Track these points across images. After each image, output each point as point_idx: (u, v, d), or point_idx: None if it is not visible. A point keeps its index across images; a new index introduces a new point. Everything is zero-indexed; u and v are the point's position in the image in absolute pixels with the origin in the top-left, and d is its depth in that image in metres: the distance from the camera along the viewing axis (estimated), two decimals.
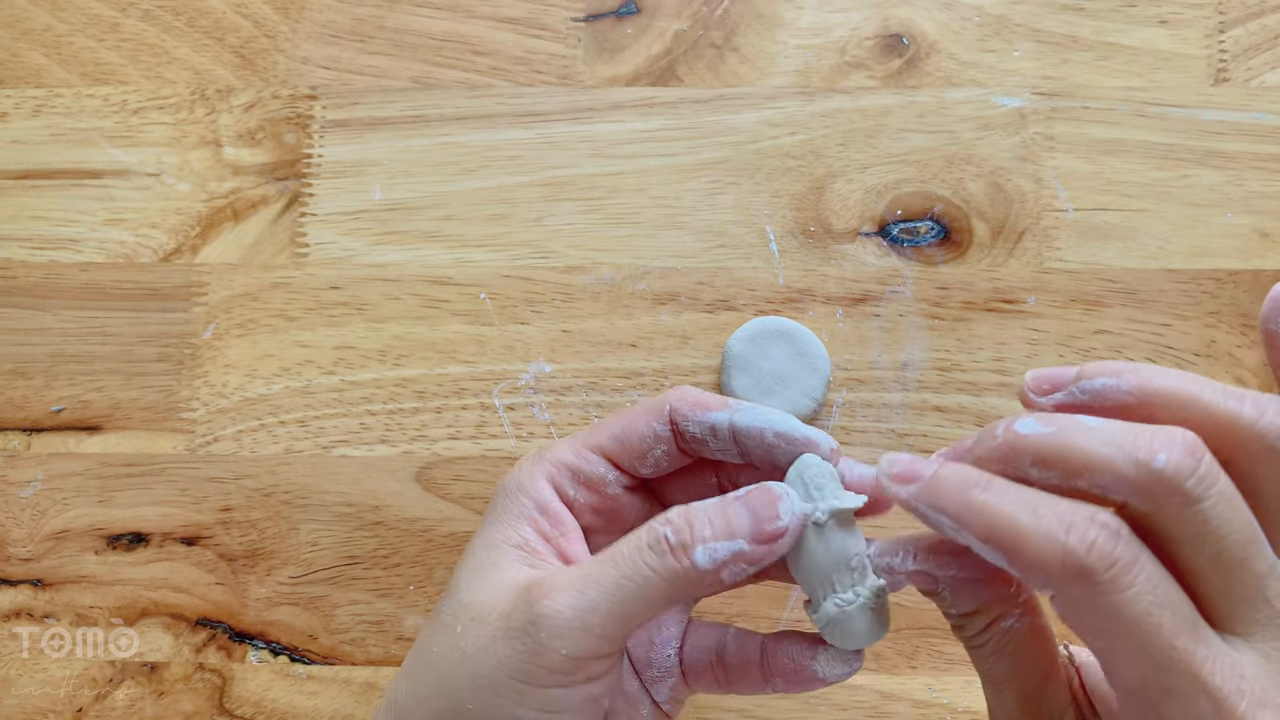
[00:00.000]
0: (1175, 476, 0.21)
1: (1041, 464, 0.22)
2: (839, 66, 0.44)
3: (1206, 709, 0.20)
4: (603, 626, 0.25)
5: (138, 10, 0.46)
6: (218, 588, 0.41)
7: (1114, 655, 0.21)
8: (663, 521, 0.26)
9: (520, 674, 0.25)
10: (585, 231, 0.43)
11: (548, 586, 0.25)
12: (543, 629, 0.25)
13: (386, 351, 0.42)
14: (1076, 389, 0.24)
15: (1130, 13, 0.44)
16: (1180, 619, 0.21)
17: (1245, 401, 0.22)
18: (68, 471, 0.42)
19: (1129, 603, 0.20)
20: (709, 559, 0.25)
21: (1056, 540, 0.21)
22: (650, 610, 0.25)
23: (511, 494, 0.29)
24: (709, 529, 0.25)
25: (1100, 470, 0.21)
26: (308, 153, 0.44)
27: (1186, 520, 0.21)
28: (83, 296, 0.43)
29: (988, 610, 0.25)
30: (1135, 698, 0.22)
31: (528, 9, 0.45)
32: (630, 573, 0.25)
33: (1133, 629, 0.20)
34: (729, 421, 0.28)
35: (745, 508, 0.26)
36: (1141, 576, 0.21)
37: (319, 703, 0.40)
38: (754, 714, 0.39)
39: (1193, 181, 0.42)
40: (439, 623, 0.28)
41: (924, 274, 0.42)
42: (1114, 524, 0.21)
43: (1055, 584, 0.21)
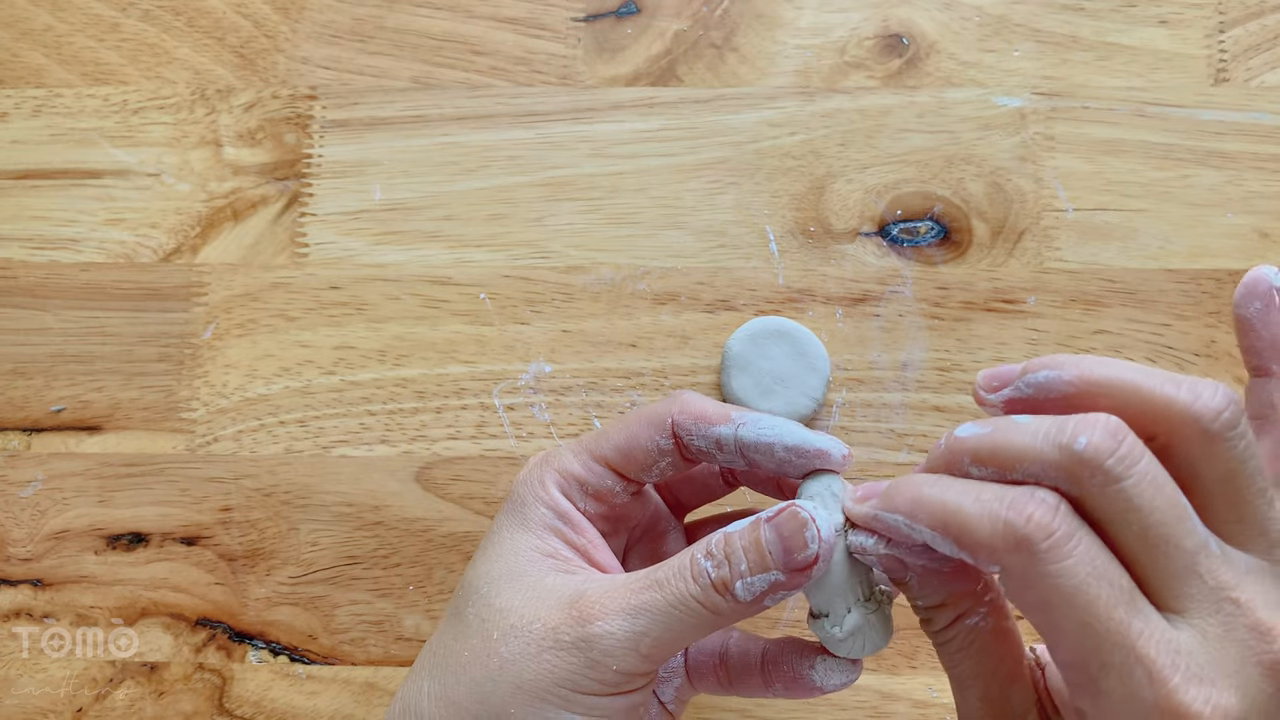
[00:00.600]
0: (1095, 457, 0.22)
1: (979, 462, 0.24)
2: (839, 66, 0.44)
3: (1141, 681, 0.21)
4: (651, 649, 0.26)
5: (138, 10, 0.46)
6: (218, 588, 0.41)
7: (1055, 628, 0.22)
8: (705, 554, 0.27)
9: (570, 684, 0.26)
10: (585, 231, 0.43)
11: (599, 607, 0.26)
12: (595, 648, 0.26)
13: (386, 351, 0.42)
14: (1022, 383, 0.25)
15: (1130, 13, 0.44)
16: (1117, 590, 0.22)
17: (1181, 387, 0.23)
18: (68, 471, 0.42)
19: (1067, 572, 0.21)
20: (748, 593, 0.26)
21: (997, 516, 0.22)
22: (696, 636, 0.27)
23: (530, 503, 0.29)
24: (744, 563, 0.26)
25: (1029, 459, 0.23)
26: (308, 153, 0.44)
27: (1110, 499, 0.22)
28: (83, 296, 0.43)
29: (954, 604, 0.26)
30: (1076, 673, 0.22)
31: (528, 9, 0.45)
32: (677, 602, 0.26)
33: (1071, 599, 0.21)
34: (734, 437, 0.29)
35: (776, 535, 0.26)
36: (1080, 548, 0.22)
37: (319, 703, 0.40)
38: (754, 714, 0.39)
39: (1193, 181, 0.42)
40: (465, 626, 0.28)
41: (924, 274, 0.42)
42: (1052, 500, 0.22)
43: (998, 556, 0.22)
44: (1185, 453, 0.23)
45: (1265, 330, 0.27)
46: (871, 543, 0.26)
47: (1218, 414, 0.23)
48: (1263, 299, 0.27)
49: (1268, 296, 0.27)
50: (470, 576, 0.29)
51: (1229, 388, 0.23)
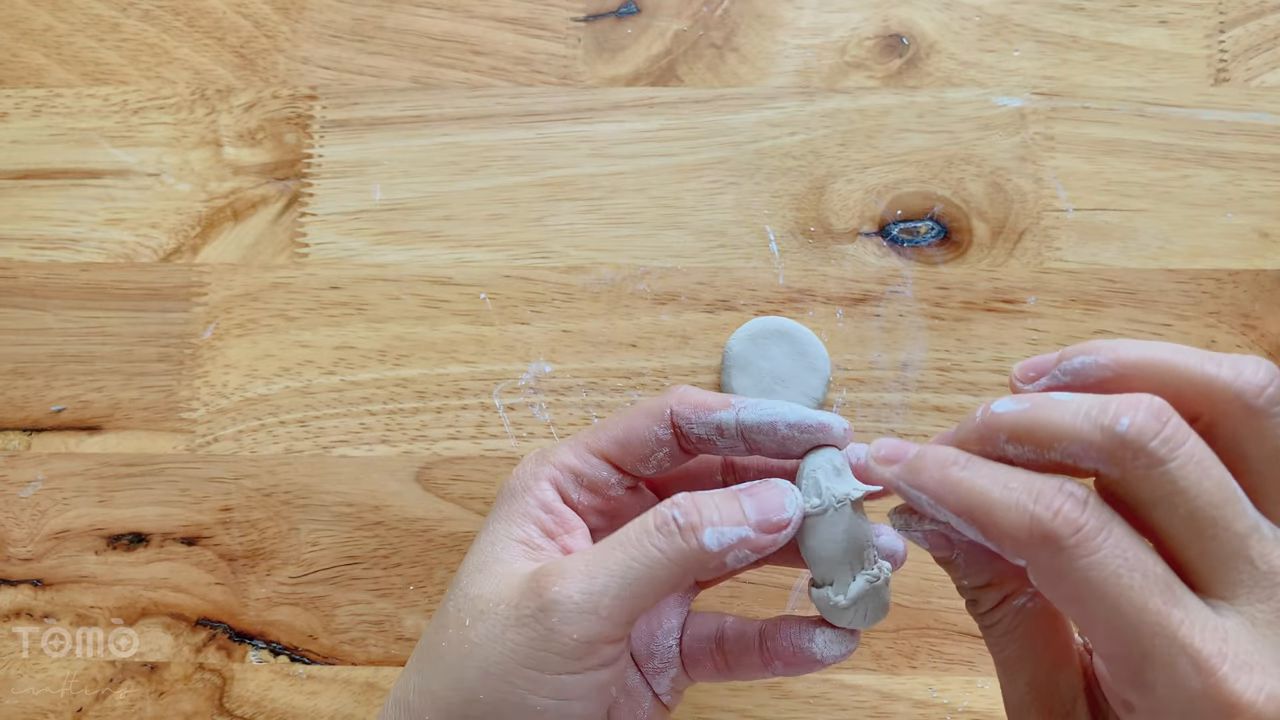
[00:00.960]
0: (1139, 439, 0.21)
1: (1016, 440, 0.23)
2: (839, 66, 0.44)
3: (1187, 670, 0.20)
4: (611, 609, 0.25)
5: (138, 10, 0.46)
6: (218, 588, 0.41)
7: (1090, 622, 0.21)
8: (670, 505, 0.26)
9: (531, 661, 0.25)
10: (585, 231, 0.43)
11: (555, 574, 0.26)
12: (553, 614, 0.25)
13: (386, 351, 0.42)
14: (1059, 371, 0.24)
15: (1130, 13, 0.44)
16: (1152, 581, 0.21)
17: (1222, 364, 0.22)
18: (68, 471, 0.42)
19: (1096, 566, 0.21)
20: (717, 541, 0.26)
21: (1024, 509, 0.21)
22: (657, 592, 0.26)
23: (515, 494, 0.30)
24: (716, 513, 0.26)
25: (1069, 439, 0.22)
26: (308, 153, 0.44)
27: (1154, 483, 0.21)
28: (83, 296, 0.43)
29: (1000, 584, 0.25)
30: (1119, 665, 0.22)
31: (528, 9, 0.45)
32: (638, 555, 0.26)
33: (1102, 593, 0.21)
34: (736, 420, 0.29)
35: (751, 499, 0.26)
36: (1109, 541, 0.21)
37: (319, 703, 0.40)
38: (754, 714, 0.39)
39: (1193, 181, 0.42)
40: (445, 617, 0.28)
41: (924, 274, 0.42)
42: (1081, 493, 0.21)
43: (1025, 551, 0.22)
44: (1231, 432, 0.22)
45: None
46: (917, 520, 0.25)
47: (1262, 389, 0.22)
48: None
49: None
50: (457, 573, 0.29)
51: (1271, 364, 0.22)
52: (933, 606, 0.39)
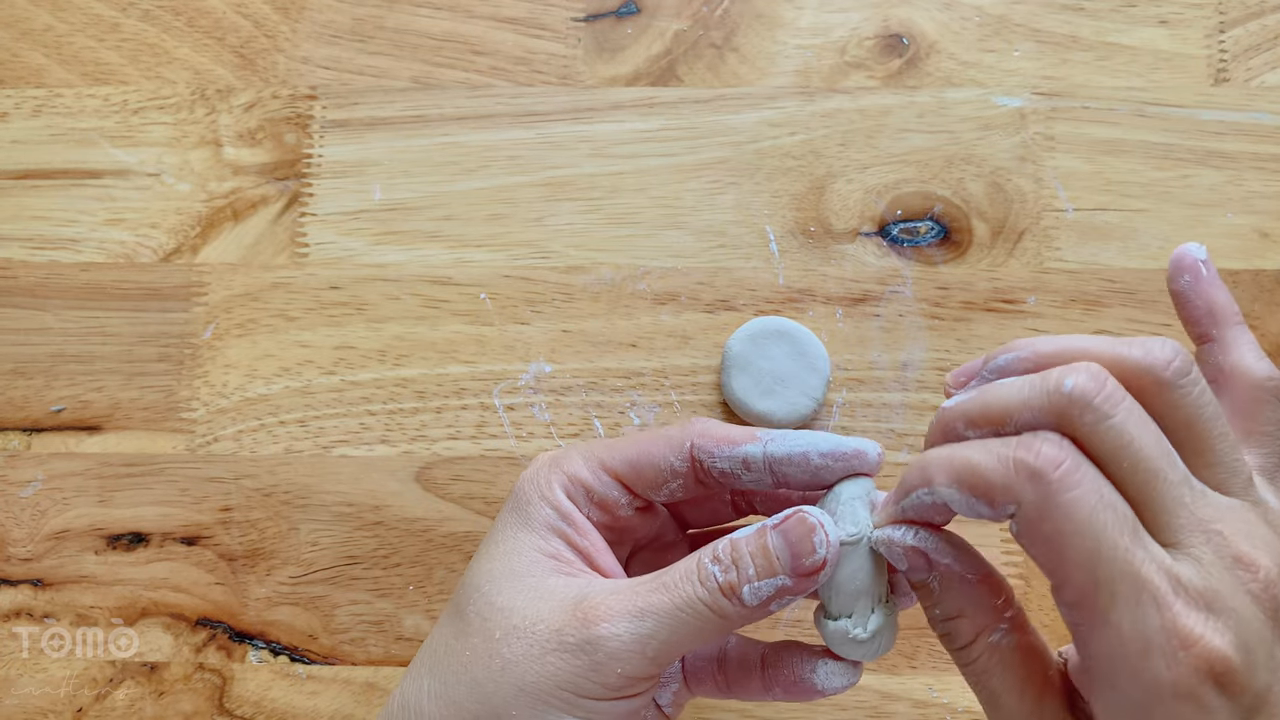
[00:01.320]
0: (1084, 395, 0.23)
1: (973, 424, 0.25)
2: (839, 66, 0.44)
3: (1148, 607, 0.22)
4: (657, 652, 0.26)
5: (138, 10, 0.46)
6: (218, 588, 0.41)
7: (1065, 560, 0.23)
8: (713, 558, 0.27)
9: (573, 686, 0.26)
10: (585, 231, 0.43)
11: (604, 609, 0.26)
12: (600, 650, 0.26)
13: (386, 351, 0.42)
14: (986, 371, 0.26)
15: (1130, 13, 0.44)
16: (1122, 519, 0.22)
17: (1132, 345, 0.24)
18: (68, 471, 0.42)
19: (1078, 501, 0.22)
20: (755, 597, 0.26)
21: (1007, 458, 0.23)
22: (702, 640, 0.27)
23: (535, 503, 0.29)
24: (752, 568, 0.26)
25: (1020, 409, 0.24)
26: (308, 153, 0.44)
27: (1102, 436, 0.23)
28: (83, 296, 0.43)
29: (972, 617, 0.26)
30: (1084, 611, 0.23)
31: (528, 9, 0.45)
32: (684, 606, 0.26)
33: (1081, 529, 0.22)
34: (764, 453, 0.28)
35: (784, 541, 0.26)
36: (1087, 478, 0.22)
37: (319, 703, 0.40)
38: (754, 714, 0.39)
39: (1193, 181, 0.42)
40: (466, 624, 0.28)
41: (924, 274, 0.42)
42: (1054, 437, 0.23)
43: (1015, 492, 0.23)
44: (1148, 405, 0.24)
45: (1199, 299, 0.28)
46: (900, 533, 0.26)
47: (1168, 363, 0.24)
48: (1190, 272, 0.28)
49: (1194, 269, 0.28)
50: (472, 574, 0.29)
51: (1176, 342, 0.24)
52: None
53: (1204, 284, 0.28)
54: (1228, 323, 0.28)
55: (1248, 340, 0.28)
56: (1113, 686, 0.23)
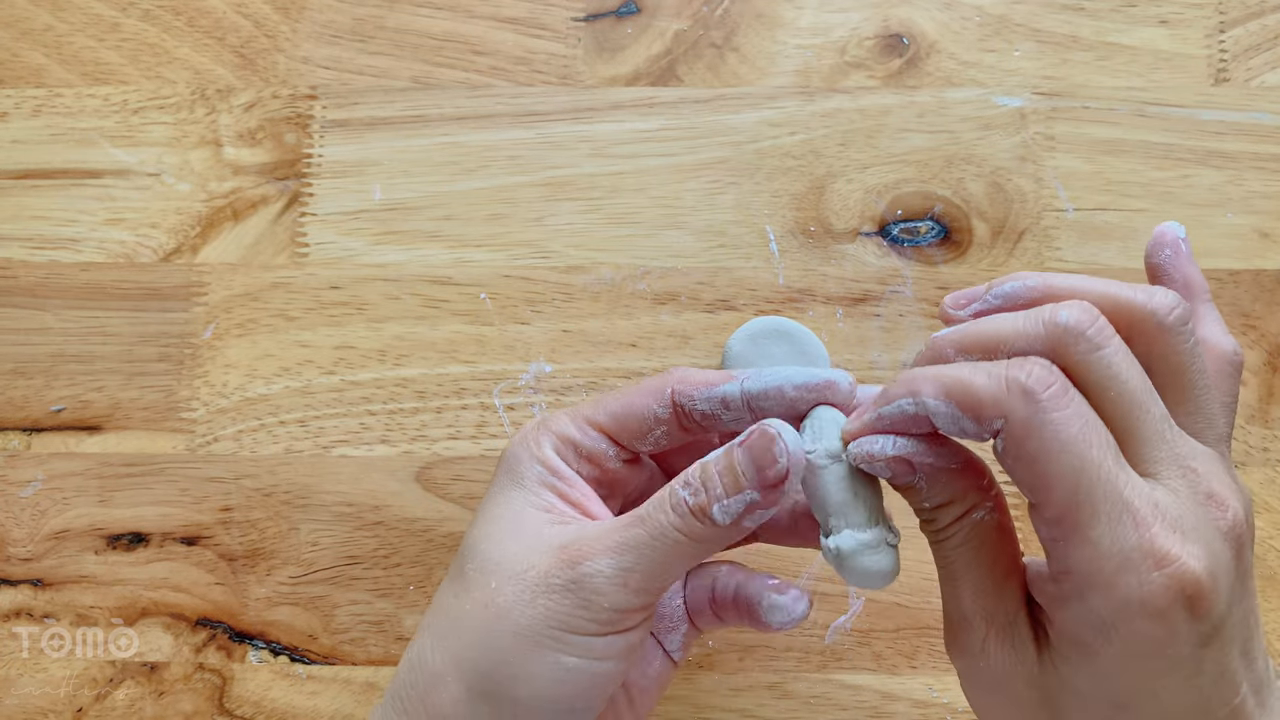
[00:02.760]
0: (1078, 326, 0.24)
1: (964, 350, 0.25)
2: (839, 66, 0.44)
3: (1127, 526, 0.23)
4: (640, 583, 0.27)
5: (138, 10, 0.46)
6: (218, 588, 0.41)
7: (1049, 476, 0.23)
8: (683, 484, 0.27)
9: (564, 625, 0.27)
10: (585, 231, 0.43)
11: (586, 549, 0.27)
12: (585, 587, 0.27)
13: (386, 351, 0.42)
14: (990, 296, 0.27)
15: (1130, 13, 0.44)
16: (1105, 444, 0.24)
17: (1136, 289, 0.25)
18: (68, 471, 0.42)
19: (1066, 422, 0.23)
20: (725, 515, 0.26)
21: (999, 376, 0.24)
22: (683, 565, 0.27)
23: (524, 462, 0.30)
24: (719, 486, 0.27)
25: (1014, 337, 0.25)
26: (308, 153, 0.44)
27: (1092, 365, 0.24)
28: (83, 296, 0.43)
29: (960, 500, 0.26)
30: (1064, 527, 0.24)
31: (528, 9, 0.45)
32: (659, 534, 0.27)
33: (1069, 445, 0.23)
34: (741, 390, 0.29)
35: (747, 455, 0.27)
36: (1075, 401, 0.24)
37: (319, 703, 0.40)
38: (754, 714, 0.39)
39: (1193, 181, 0.42)
40: (464, 581, 0.29)
41: (924, 274, 0.42)
42: (1044, 361, 0.24)
43: (1004, 407, 0.24)
44: (1142, 346, 0.25)
45: (1176, 273, 0.29)
46: (879, 446, 0.26)
47: (1171, 309, 0.25)
48: (1170, 247, 0.29)
49: (1175, 245, 0.29)
50: (470, 537, 0.30)
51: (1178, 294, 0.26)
52: (933, 606, 0.39)
53: (1182, 259, 0.29)
54: (1200, 298, 0.29)
55: (1215, 316, 0.29)
56: (1083, 600, 0.24)
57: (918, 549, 0.28)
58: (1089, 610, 0.24)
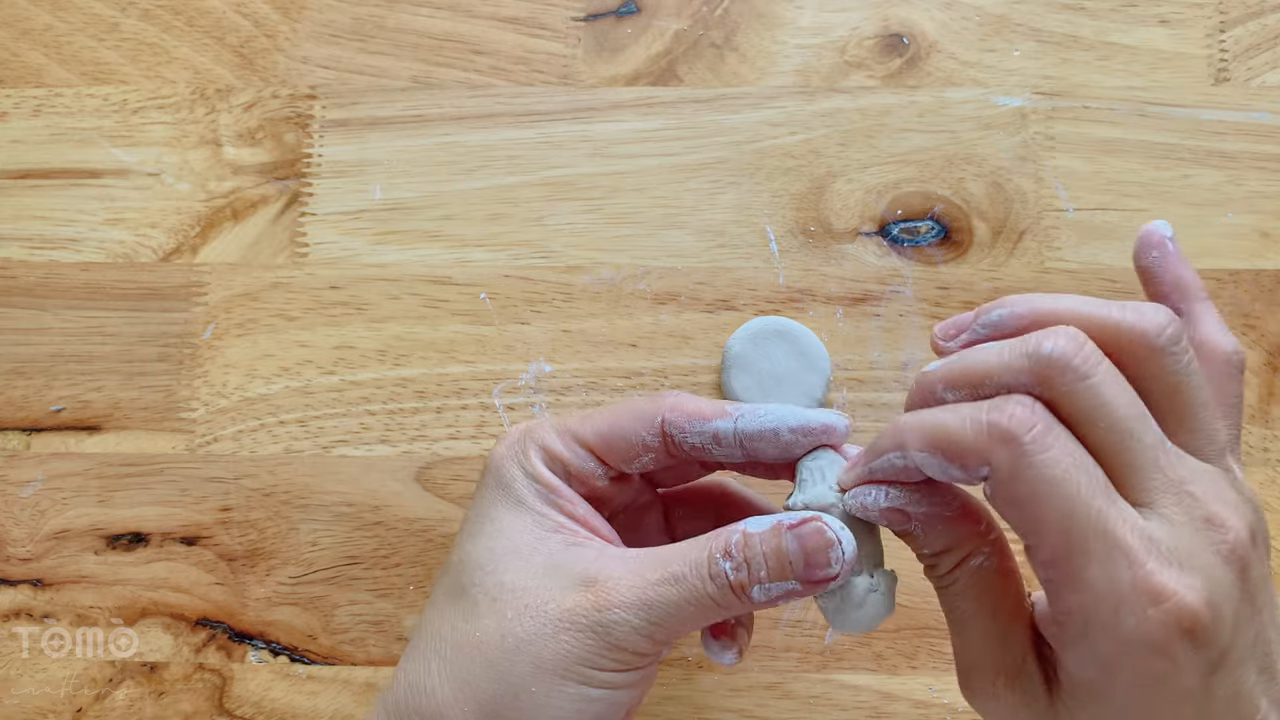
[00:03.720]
0: (1063, 357, 0.23)
1: (952, 386, 0.25)
2: (839, 66, 0.44)
3: (1121, 565, 0.23)
4: (665, 635, 0.27)
5: (137, 10, 0.46)
6: (218, 588, 0.41)
7: (1040, 520, 0.23)
8: (723, 553, 0.27)
9: (587, 662, 0.27)
10: (585, 231, 0.43)
11: (615, 596, 0.27)
12: (612, 634, 0.27)
13: (386, 351, 0.42)
14: (978, 325, 0.26)
15: (1130, 13, 0.44)
16: (1094, 481, 0.23)
17: (1126, 309, 0.25)
18: (68, 471, 0.42)
19: (1051, 464, 0.23)
20: (764, 596, 0.27)
21: (980, 422, 0.23)
22: (704, 624, 0.28)
23: (520, 478, 0.29)
24: (764, 570, 0.27)
25: (1000, 371, 0.24)
26: (308, 152, 0.44)
27: (1080, 396, 0.23)
28: (83, 296, 0.43)
29: (959, 547, 0.26)
30: (1058, 569, 0.23)
31: (528, 9, 0.45)
32: (692, 598, 0.27)
33: (1054, 489, 0.23)
34: (734, 429, 0.29)
35: (799, 547, 0.27)
36: (1060, 441, 0.23)
37: (319, 703, 0.40)
38: (754, 714, 0.39)
39: (1193, 181, 0.42)
40: (474, 605, 0.28)
41: (924, 274, 0.42)
42: (1027, 400, 0.24)
43: (987, 454, 0.23)
44: (1135, 369, 0.24)
45: (1166, 275, 0.29)
46: (871, 497, 0.26)
47: (1162, 329, 0.24)
48: (1158, 248, 0.29)
49: (1162, 245, 0.29)
50: (468, 553, 0.29)
51: (1169, 309, 0.25)
52: (933, 606, 0.39)
53: (1171, 259, 0.29)
54: (1195, 297, 0.28)
55: (1213, 315, 0.28)
56: (1085, 640, 0.23)
57: None
58: (1092, 650, 0.24)
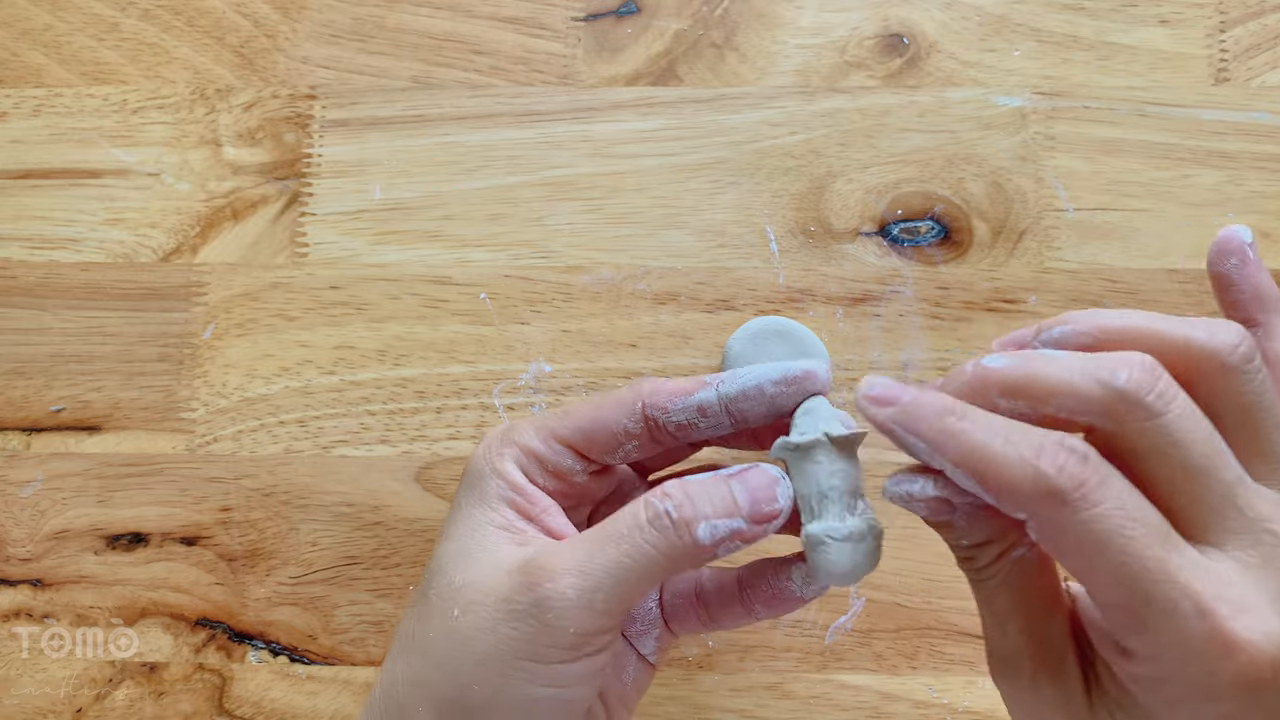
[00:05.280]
0: (1137, 391, 0.22)
1: (1009, 394, 0.23)
2: (839, 66, 0.44)
3: (1189, 613, 0.21)
4: (606, 603, 0.26)
5: (137, 10, 0.46)
6: (217, 588, 0.41)
7: (1092, 574, 0.22)
8: (662, 496, 0.26)
9: (527, 653, 0.26)
10: (585, 231, 0.43)
11: (548, 569, 0.26)
12: (548, 610, 0.25)
13: (386, 351, 0.42)
14: (1038, 342, 0.25)
15: (1130, 12, 0.44)
16: (1152, 531, 0.22)
17: (1196, 326, 0.23)
18: (68, 471, 0.42)
19: (1100, 519, 0.21)
20: (710, 535, 0.26)
21: (1028, 464, 0.22)
22: (651, 585, 0.26)
23: (486, 477, 0.29)
24: (709, 505, 0.26)
25: (1065, 394, 0.22)
26: (308, 152, 0.44)
27: (1151, 434, 0.22)
28: (83, 296, 0.43)
29: (1000, 540, 0.25)
30: (1121, 613, 0.22)
31: (528, 9, 0.45)
32: (630, 550, 0.26)
33: (1105, 545, 0.21)
34: (718, 396, 0.28)
35: (743, 488, 0.26)
36: (1111, 494, 0.21)
37: (319, 703, 0.40)
38: (754, 714, 0.39)
39: (1193, 181, 0.42)
40: (428, 606, 0.28)
41: (924, 274, 0.42)
42: (1081, 448, 0.22)
43: (1028, 506, 0.22)
44: (1205, 390, 0.23)
45: (1244, 283, 0.27)
46: (919, 486, 0.24)
47: (1234, 348, 0.23)
48: (1237, 254, 0.27)
49: (1241, 252, 0.27)
50: (435, 556, 0.29)
51: (1240, 326, 0.23)
52: (933, 606, 0.39)
53: (1251, 267, 0.27)
54: (1274, 308, 0.26)
55: None
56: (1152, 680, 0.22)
57: (918, 550, 0.28)
58: (1159, 689, 0.22)
